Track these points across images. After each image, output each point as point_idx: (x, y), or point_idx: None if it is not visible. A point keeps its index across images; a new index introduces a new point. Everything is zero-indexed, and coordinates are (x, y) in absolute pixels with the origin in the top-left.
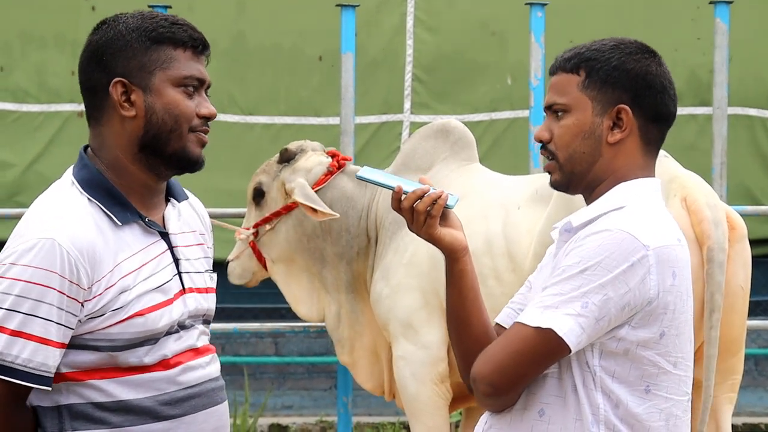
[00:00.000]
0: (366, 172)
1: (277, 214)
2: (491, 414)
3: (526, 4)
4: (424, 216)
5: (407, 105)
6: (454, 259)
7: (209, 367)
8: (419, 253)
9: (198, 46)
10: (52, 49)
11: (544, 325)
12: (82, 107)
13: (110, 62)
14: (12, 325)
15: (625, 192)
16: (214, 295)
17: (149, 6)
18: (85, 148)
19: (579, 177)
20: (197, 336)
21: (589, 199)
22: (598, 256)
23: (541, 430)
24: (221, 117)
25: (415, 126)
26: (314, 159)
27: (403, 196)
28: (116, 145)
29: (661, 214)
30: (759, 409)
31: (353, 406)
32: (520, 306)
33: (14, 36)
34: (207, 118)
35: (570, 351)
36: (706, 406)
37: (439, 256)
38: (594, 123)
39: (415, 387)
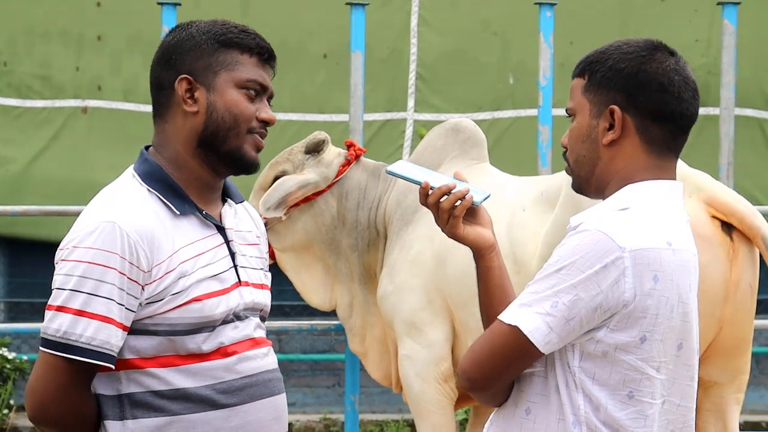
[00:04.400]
0: (396, 167)
1: (295, 205)
2: (494, 411)
3: (536, 3)
4: (448, 214)
5: (411, 103)
6: (480, 256)
7: (266, 359)
8: (424, 251)
9: (264, 54)
10: (57, 45)
11: (513, 323)
12: (86, 103)
13: (178, 61)
14: (75, 305)
15: (630, 194)
16: (269, 292)
17: (158, 3)
18: (146, 147)
19: (585, 180)
20: (253, 327)
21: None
22: (574, 256)
23: (528, 428)
24: None
25: (418, 124)
26: (334, 151)
27: (430, 192)
28: (177, 140)
29: (660, 217)
30: (761, 407)
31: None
32: None
33: (19, 31)
34: (266, 123)
35: (537, 350)
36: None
37: (443, 256)
38: (590, 125)
39: (419, 385)
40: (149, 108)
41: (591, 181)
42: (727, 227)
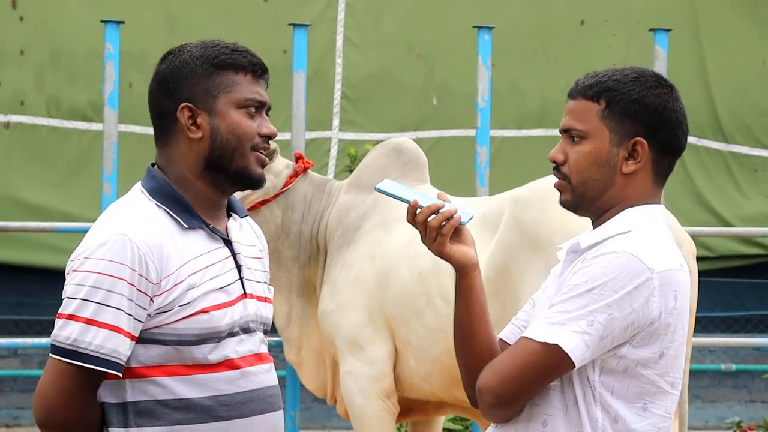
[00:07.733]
0: (385, 185)
1: None
2: (497, 425)
3: (474, 27)
4: (436, 232)
5: (336, 122)
6: (463, 274)
7: (268, 375)
8: (366, 270)
9: (257, 70)
10: None
11: (551, 341)
12: (8, 118)
13: (177, 89)
14: (86, 314)
15: (632, 217)
16: (272, 306)
17: (101, 21)
18: (153, 164)
19: (589, 201)
20: (258, 343)
21: (596, 223)
22: (605, 277)
23: None
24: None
25: (343, 143)
26: (283, 162)
27: (418, 210)
28: (183, 164)
29: (665, 240)
30: (693, 423)
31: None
32: (524, 323)
33: None
34: (268, 137)
35: (574, 366)
36: (683, 421)
37: (385, 274)
38: (610, 152)
39: (361, 402)
40: (72, 124)
41: (596, 203)
42: None
